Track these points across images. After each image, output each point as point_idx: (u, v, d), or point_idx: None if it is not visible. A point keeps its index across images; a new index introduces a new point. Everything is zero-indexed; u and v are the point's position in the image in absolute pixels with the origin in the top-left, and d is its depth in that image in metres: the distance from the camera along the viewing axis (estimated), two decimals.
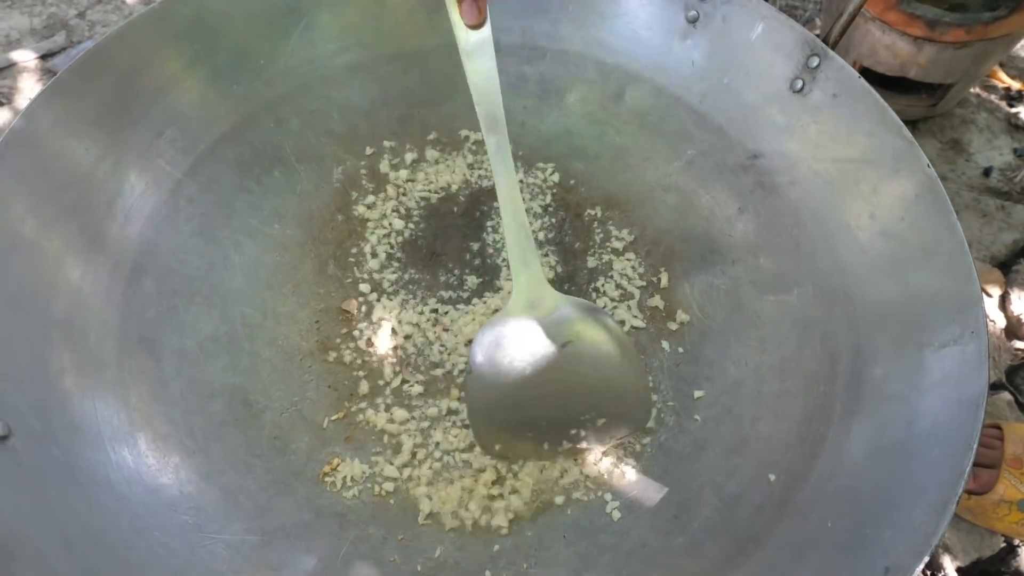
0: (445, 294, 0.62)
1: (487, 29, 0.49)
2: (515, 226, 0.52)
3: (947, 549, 0.75)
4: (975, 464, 0.73)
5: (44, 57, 1.08)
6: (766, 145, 0.63)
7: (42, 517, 0.44)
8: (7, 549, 0.42)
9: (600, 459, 0.54)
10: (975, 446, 0.43)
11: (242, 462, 0.52)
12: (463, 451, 0.55)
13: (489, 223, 0.65)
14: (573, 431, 0.53)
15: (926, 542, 0.41)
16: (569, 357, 0.52)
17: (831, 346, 0.55)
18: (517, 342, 0.53)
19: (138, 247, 0.58)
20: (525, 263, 0.53)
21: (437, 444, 0.55)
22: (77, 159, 0.57)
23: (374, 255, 0.63)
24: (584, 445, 0.54)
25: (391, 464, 0.54)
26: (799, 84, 0.61)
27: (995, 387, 0.85)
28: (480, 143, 0.69)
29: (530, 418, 0.53)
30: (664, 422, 0.55)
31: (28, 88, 1.05)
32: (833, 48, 0.59)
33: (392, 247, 0.64)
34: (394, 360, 0.58)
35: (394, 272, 0.63)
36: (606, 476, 0.53)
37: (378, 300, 0.61)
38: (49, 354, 0.51)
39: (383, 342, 0.59)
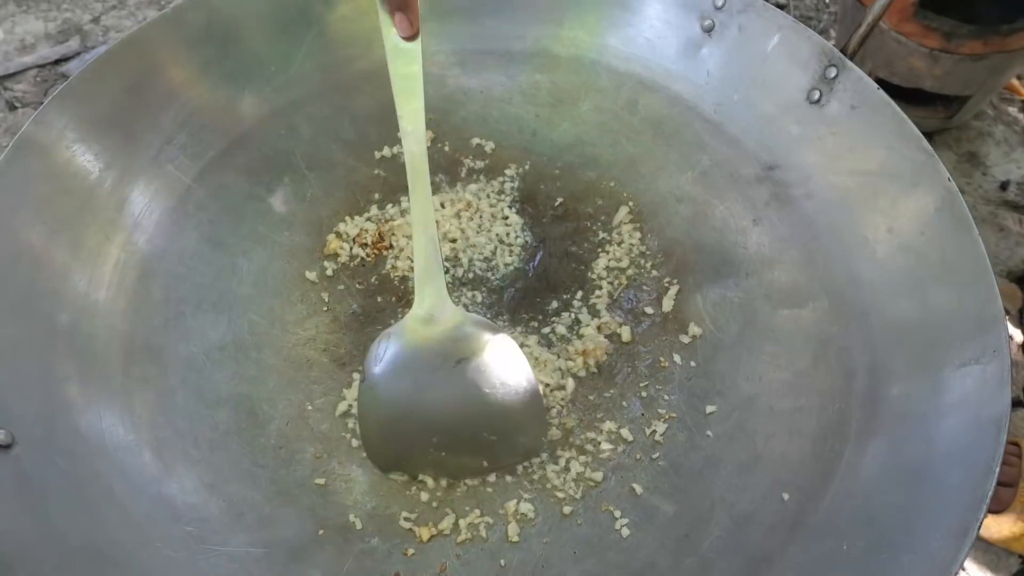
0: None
1: (419, 43, 0.48)
2: (425, 240, 0.52)
3: (962, 569, 0.74)
4: None
5: (58, 62, 1.09)
6: (782, 156, 0.62)
7: (43, 528, 0.44)
8: (6, 560, 0.41)
9: (608, 475, 0.53)
10: (997, 470, 0.42)
11: (247, 472, 0.51)
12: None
13: (494, 233, 0.64)
14: (465, 450, 0.52)
15: (946, 570, 0.40)
16: (462, 374, 0.52)
17: (847, 363, 0.54)
18: (412, 356, 0.53)
19: (146, 254, 0.58)
20: (430, 277, 0.53)
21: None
22: (86, 165, 0.56)
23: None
24: (480, 465, 0.52)
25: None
26: (816, 95, 0.60)
27: (1013, 404, 0.84)
28: (494, 150, 0.68)
29: (421, 432, 0.52)
30: (675, 438, 0.54)
31: (42, 93, 1.06)
32: (851, 59, 0.58)
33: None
34: None
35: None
36: (614, 491, 0.52)
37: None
38: (54, 362, 0.50)
39: None
